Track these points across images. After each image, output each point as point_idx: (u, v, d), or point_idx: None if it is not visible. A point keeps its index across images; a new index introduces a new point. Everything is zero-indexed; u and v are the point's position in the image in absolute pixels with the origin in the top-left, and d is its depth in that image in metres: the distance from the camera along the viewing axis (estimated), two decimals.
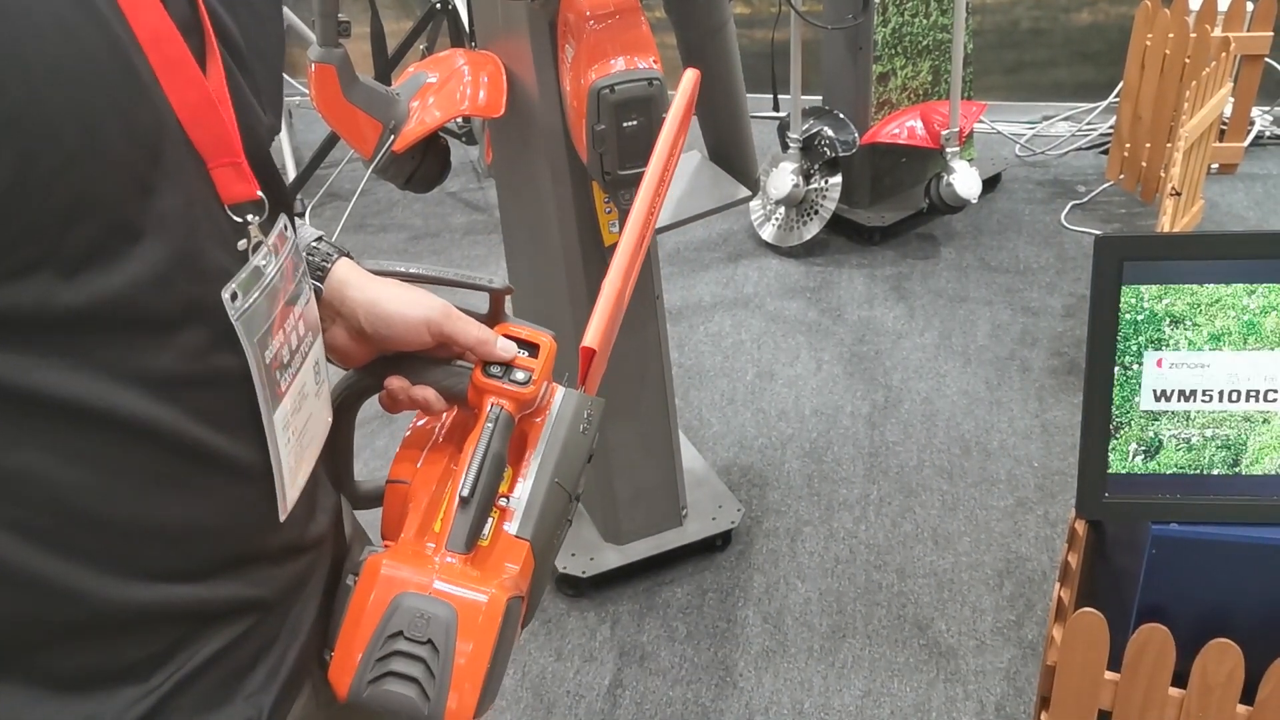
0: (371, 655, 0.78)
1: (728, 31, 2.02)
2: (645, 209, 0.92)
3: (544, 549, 0.85)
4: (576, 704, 1.96)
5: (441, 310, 0.86)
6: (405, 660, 0.77)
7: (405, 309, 0.86)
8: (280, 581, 0.79)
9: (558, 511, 0.86)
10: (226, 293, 0.67)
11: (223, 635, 0.75)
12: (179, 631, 0.71)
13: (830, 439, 2.57)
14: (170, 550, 0.69)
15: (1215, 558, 1.38)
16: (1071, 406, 2.59)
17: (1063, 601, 1.54)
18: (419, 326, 0.86)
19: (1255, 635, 1.36)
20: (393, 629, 0.78)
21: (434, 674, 0.77)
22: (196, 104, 0.65)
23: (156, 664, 0.70)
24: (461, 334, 0.86)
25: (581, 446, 0.88)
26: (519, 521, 0.84)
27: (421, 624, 0.77)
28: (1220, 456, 1.39)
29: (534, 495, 0.85)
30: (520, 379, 0.85)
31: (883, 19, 3.08)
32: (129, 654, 0.68)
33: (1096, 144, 3.71)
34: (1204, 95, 2.77)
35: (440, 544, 0.80)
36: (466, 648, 0.77)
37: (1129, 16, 3.25)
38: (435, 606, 0.78)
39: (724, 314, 3.06)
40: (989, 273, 3.14)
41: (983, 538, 2.27)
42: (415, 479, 0.86)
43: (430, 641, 0.77)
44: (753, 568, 2.24)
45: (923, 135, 3.06)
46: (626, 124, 1.63)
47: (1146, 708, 1.42)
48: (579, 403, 0.89)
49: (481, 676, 0.77)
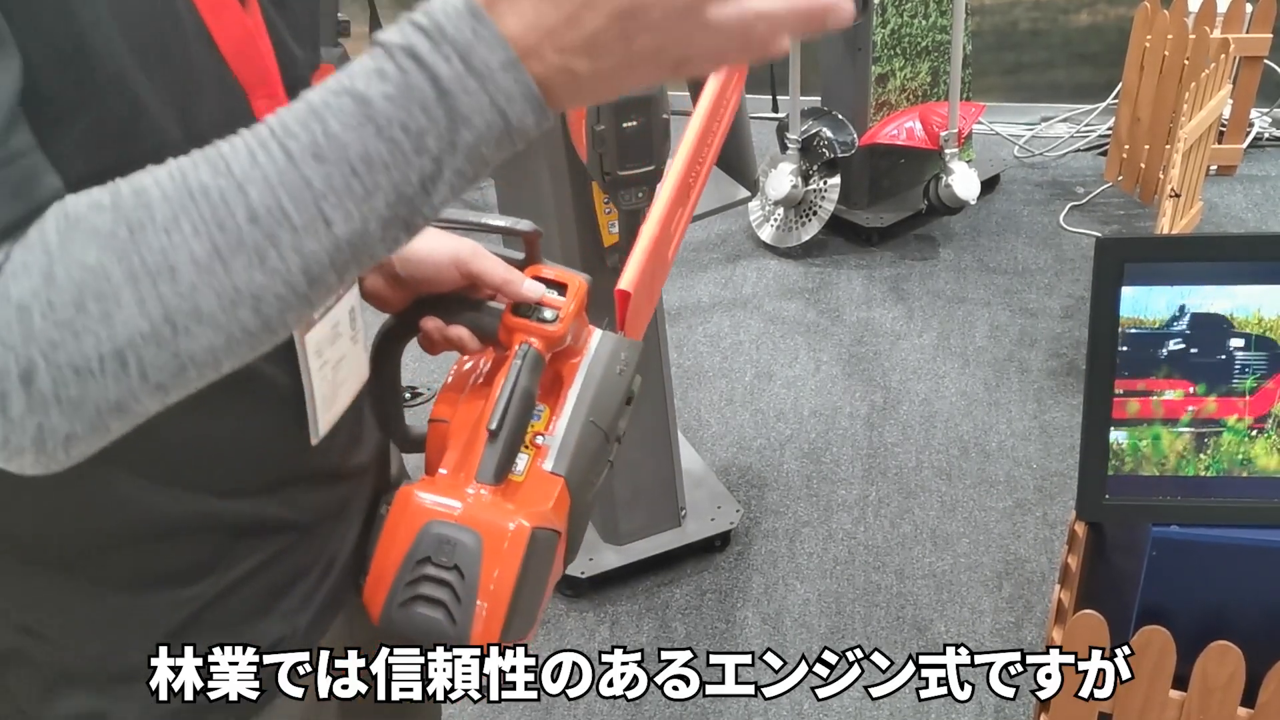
0: (401, 580, 0.81)
1: None
2: (692, 148, 0.91)
3: (580, 486, 0.87)
4: (575, 704, 1.96)
5: (469, 249, 0.89)
6: (432, 585, 0.80)
7: (434, 249, 0.89)
8: (317, 506, 0.83)
9: (593, 450, 0.88)
10: None
11: (259, 553, 0.79)
12: (218, 544, 0.76)
13: (829, 440, 2.57)
14: (212, 466, 0.73)
15: (1216, 560, 1.38)
16: (1070, 408, 2.59)
17: (1063, 603, 1.53)
18: (447, 265, 0.89)
19: (1256, 637, 1.35)
20: (421, 555, 0.81)
21: (460, 598, 0.79)
22: (238, 37, 0.66)
23: (198, 573, 0.75)
24: (488, 272, 0.88)
25: (617, 387, 0.90)
26: (553, 458, 0.86)
27: (448, 550, 0.80)
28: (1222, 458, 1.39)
29: (568, 433, 0.87)
30: (548, 317, 0.87)
31: (882, 20, 3.08)
32: (174, 561, 0.74)
33: (1095, 145, 3.72)
34: (1203, 97, 2.77)
35: (471, 476, 0.82)
36: (492, 573, 0.79)
37: (1128, 18, 3.25)
38: (461, 533, 0.80)
39: (723, 314, 3.06)
40: (987, 274, 3.14)
41: (981, 539, 2.27)
42: (454, 418, 0.88)
43: (456, 567, 0.80)
44: (751, 568, 2.24)
45: (921, 136, 3.06)
46: (626, 124, 1.63)
47: (1147, 710, 1.42)
48: (615, 345, 0.92)
49: (506, 601, 0.79)
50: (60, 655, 0.73)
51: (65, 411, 0.52)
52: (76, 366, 0.51)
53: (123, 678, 0.75)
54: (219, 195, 0.52)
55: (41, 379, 0.51)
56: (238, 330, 0.54)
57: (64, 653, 0.73)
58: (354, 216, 0.54)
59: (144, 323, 0.51)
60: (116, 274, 0.51)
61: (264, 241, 0.52)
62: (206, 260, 0.52)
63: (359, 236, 0.54)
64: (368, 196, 0.54)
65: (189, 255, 0.51)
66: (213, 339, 0.53)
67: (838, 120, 3.14)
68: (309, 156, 0.53)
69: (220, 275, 0.52)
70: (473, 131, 0.55)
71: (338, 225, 0.53)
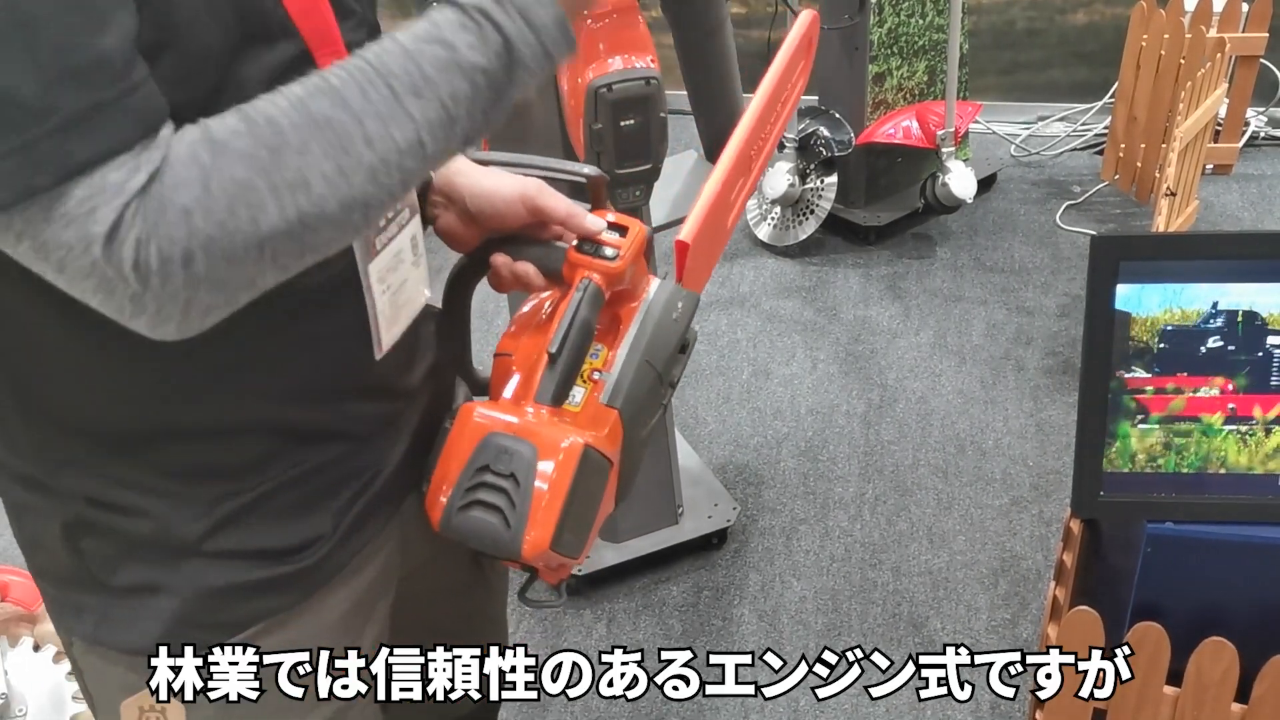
0: (461, 486, 0.86)
1: (725, 31, 2.02)
2: (756, 118, 0.95)
3: (632, 421, 0.91)
4: (572, 701, 1.96)
5: (535, 186, 0.95)
6: (490, 491, 0.85)
7: (501, 186, 0.95)
8: (369, 419, 0.90)
9: (646, 388, 0.92)
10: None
11: (311, 458, 0.85)
12: (274, 446, 0.83)
13: (825, 438, 2.58)
14: (278, 373, 0.81)
15: (1211, 556, 1.39)
16: (1066, 406, 2.59)
17: (1058, 600, 1.54)
18: (515, 200, 0.94)
19: (1250, 633, 1.36)
20: (480, 463, 0.85)
21: (515, 504, 0.84)
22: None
23: (251, 470, 0.83)
24: (554, 208, 0.94)
25: (672, 332, 0.95)
26: (609, 392, 0.91)
27: (506, 459, 0.85)
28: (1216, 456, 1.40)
29: (624, 370, 0.91)
30: (609, 255, 0.92)
31: (879, 19, 3.09)
32: (230, 456, 0.81)
33: (1091, 144, 3.72)
34: (1199, 96, 2.78)
35: (530, 398, 0.87)
36: (545, 483, 0.84)
37: (1124, 17, 3.25)
38: (519, 444, 0.85)
39: (720, 313, 3.06)
40: (984, 272, 3.15)
41: (977, 536, 2.28)
42: (518, 351, 0.93)
43: (513, 475, 0.84)
44: (748, 566, 2.24)
45: (918, 135, 3.06)
46: (624, 123, 1.63)
47: (1141, 706, 1.43)
48: (673, 292, 0.96)
49: (558, 511, 0.84)
50: (123, 527, 0.81)
51: (212, 288, 0.64)
52: (227, 255, 0.63)
53: (177, 554, 0.82)
54: (341, 126, 0.66)
55: (198, 264, 0.63)
56: (350, 227, 0.69)
57: (126, 525, 0.81)
58: (440, 139, 0.70)
59: (282, 224, 0.65)
60: (261, 186, 0.64)
61: (377, 162, 0.67)
62: (334, 176, 0.66)
63: (442, 155, 0.71)
64: (453, 124, 0.70)
65: (320, 172, 0.65)
66: (331, 234, 0.68)
67: (835, 119, 3.14)
68: (409, 94, 0.68)
69: (343, 188, 0.66)
70: (527, 72, 0.72)
71: (429, 146, 0.69)
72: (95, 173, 0.60)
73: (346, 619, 0.92)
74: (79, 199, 0.60)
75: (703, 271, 1.00)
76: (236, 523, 0.83)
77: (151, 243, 0.61)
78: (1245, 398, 1.39)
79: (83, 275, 0.62)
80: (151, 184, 0.62)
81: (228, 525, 0.83)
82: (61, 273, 0.62)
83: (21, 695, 1.63)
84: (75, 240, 0.61)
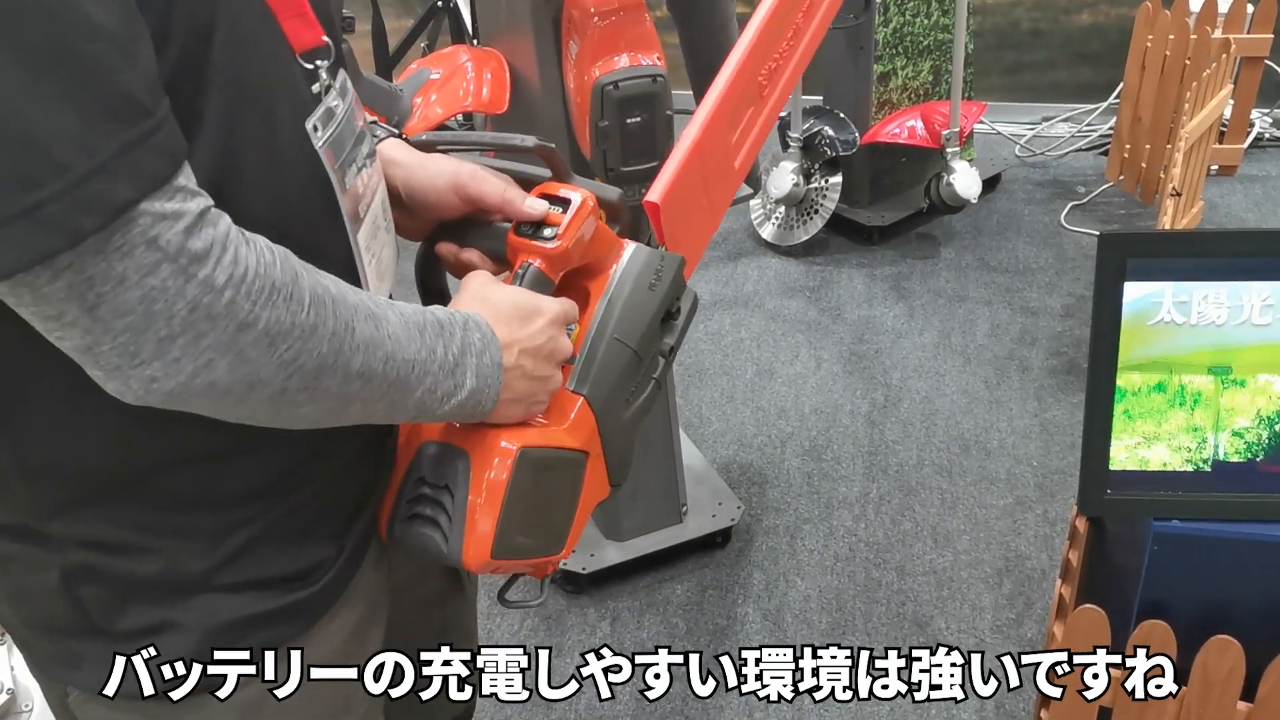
0: (402, 497, 0.84)
1: (730, 29, 2.02)
2: (759, 29, 0.88)
3: (606, 404, 0.86)
4: (576, 699, 1.96)
5: (468, 173, 0.90)
6: (427, 504, 0.82)
7: (434, 176, 0.91)
8: (365, 429, 0.87)
9: (619, 367, 0.86)
10: (310, 123, 0.76)
11: (317, 477, 0.83)
12: (284, 467, 0.81)
13: (830, 437, 2.57)
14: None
15: (1217, 554, 1.39)
16: (1070, 406, 2.59)
17: (1064, 598, 1.54)
18: (447, 191, 0.91)
19: (1256, 632, 1.36)
20: (416, 474, 0.83)
21: (451, 517, 0.80)
22: None
23: (261, 495, 0.81)
24: (487, 195, 0.89)
25: (647, 302, 0.88)
26: (575, 377, 0.85)
27: (438, 469, 0.82)
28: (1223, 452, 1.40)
29: (590, 350, 0.86)
30: (547, 235, 0.86)
31: (884, 19, 3.09)
32: (239, 484, 0.79)
33: (1096, 145, 3.72)
34: (1204, 97, 2.78)
35: None
36: (480, 493, 0.80)
37: (1129, 18, 3.25)
38: (452, 453, 0.81)
39: (724, 312, 3.06)
40: (988, 273, 3.15)
41: (982, 536, 2.27)
42: None
43: (447, 486, 0.81)
44: (752, 565, 2.24)
45: (923, 135, 3.06)
46: (630, 120, 1.63)
47: (1146, 705, 1.42)
48: (648, 259, 0.89)
49: (494, 520, 0.79)
50: (129, 568, 0.78)
51: (234, 364, 0.65)
52: (272, 342, 0.66)
53: (186, 590, 0.80)
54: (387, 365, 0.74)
55: (252, 333, 0.65)
56: (344, 399, 0.73)
57: (131, 567, 0.78)
58: (416, 379, 0.76)
59: (312, 363, 0.69)
60: (329, 321, 0.69)
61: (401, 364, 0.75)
62: (367, 348, 0.72)
63: (400, 390, 0.76)
64: (422, 375, 0.76)
65: (358, 339, 0.71)
66: (322, 406, 0.72)
67: (839, 119, 3.14)
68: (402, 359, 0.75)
69: (375, 365, 0.73)
70: (463, 388, 0.79)
71: (402, 384, 0.75)
72: (147, 207, 0.61)
73: (348, 643, 0.91)
74: (137, 232, 0.61)
75: (696, 223, 0.92)
76: (247, 553, 0.81)
77: (228, 290, 0.63)
78: None
79: (118, 311, 0.61)
80: (244, 244, 0.65)
81: (238, 556, 0.81)
82: (92, 310, 0.61)
83: (27, 691, 1.64)
84: (131, 271, 0.60)
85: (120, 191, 0.60)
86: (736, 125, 0.90)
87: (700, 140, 0.86)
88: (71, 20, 0.57)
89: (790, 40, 0.93)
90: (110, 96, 0.59)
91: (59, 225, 0.59)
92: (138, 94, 0.61)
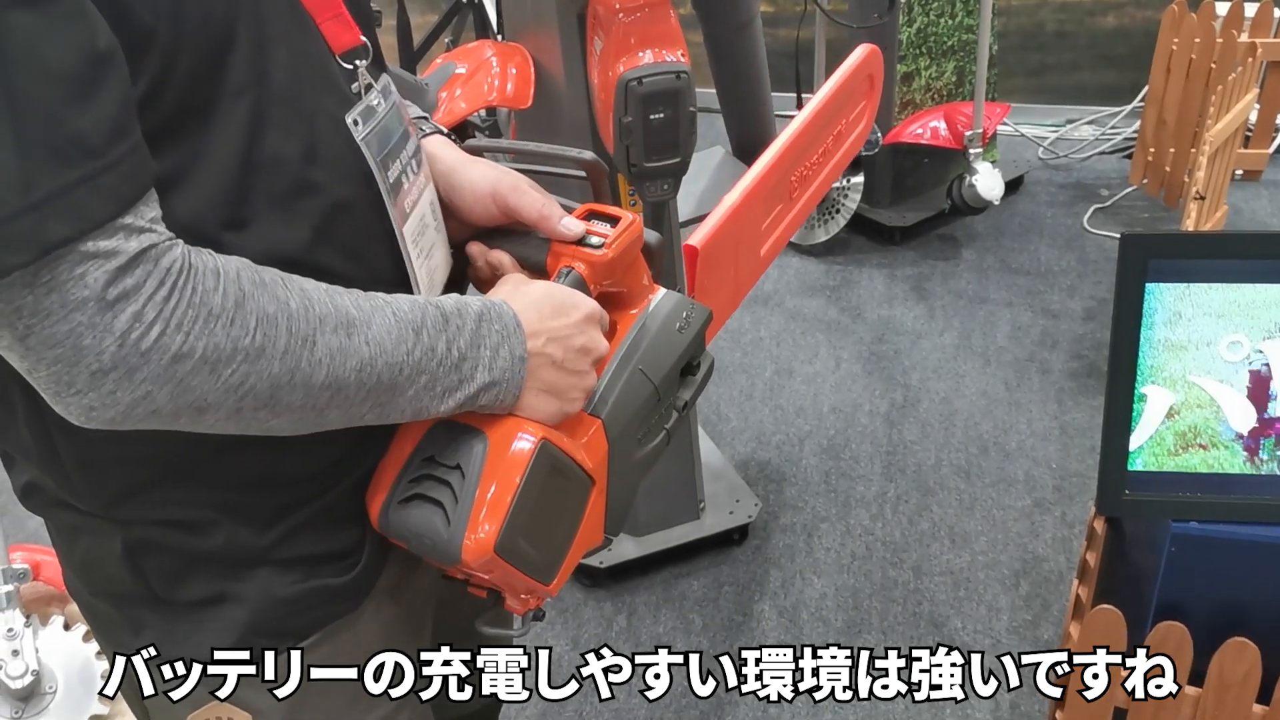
0: (404, 477, 0.80)
1: (754, 28, 2.03)
2: (799, 130, 0.88)
3: (620, 435, 0.85)
4: (591, 693, 1.97)
5: (510, 183, 0.89)
6: (432, 484, 0.79)
7: (475, 181, 0.90)
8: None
9: (639, 400, 0.86)
10: (350, 118, 0.78)
11: (367, 460, 0.84)
12: (344, 448, 0.81)
13: (848, 436, 2.58)
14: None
15: (1235, 556, 1.39)
16: (1090, 409, 2.59)
17: (1081, 598, 1.54)
18: (485, 197, 0.90)
19: (1273, 634, 1.36)
20: (425, 453, 0.80)
21: (458, 499, 0.77)
22: None
23: (320, 475, 0.82)
24: (524, 207, 0.88)
25: (674, 343, 0.88)
26: (594, 398, 0.84)
27: (453, 449, 0.79)
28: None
29: (613, 377, 0.86)
30: (595, 244, 0.86)
31: (908, 19, 3.08)
32: (302, 465, 0.81)
33: (1120, 148, 3.70)
34: (1229, 101, 2.77)
35: None
36: (493, 478, 0.77)
37: (1154, 20, 3.24)
38: (469, 434, 0.79)
39: (743, 311, 3.07)
40: (1010, 274, 3.14)
41: (999, 537, 2.27)
42: None
43: (459, 466, 0.78)
44: (769, 562, 2.25)
45: (946, 136, 3.06)
46: (653, 116, 1.64)
47: (1162, 705, 1.42)
48: (678, 303, 0.90)
49: (504, 509, 0.76)
50: (191, 543, 0.81)
51: (175, 393, 0.66)
52: (214, 368, 0.66)
53: (246, 563, 0.82)
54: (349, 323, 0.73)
55: (186, 365, 0.65)
56: (304, 409, 0.72)
57: (193, 542, 0.81)
58: (407, 380, 0.75)
59: (284, 373, 0.69)
60: (282, 331, 0.69)
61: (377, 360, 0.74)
62: (337, 355, 0.72)
63: (386, 393, 0.75)
64: (415, 375, 0.75)
65: (326, 346, 0.71)
66: (286, 417, 0.72)
67: None
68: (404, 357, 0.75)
69: (339, 370, 0.72)
70: (472, 381, 0.78)
71: (387, 388, 0.74)
72: (79, 246, 0.62)
73: (390, 627, 0.92)
74: (64, 269, 0.61)
75: (721, 290, 0.92)
76: (306, 528, 0.83)
77: (157, 325, 0.63)
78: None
79: (47, 343, 0.62)
80: (182, 275, 0.65)
81: (297, 531, 0.82)
82: (24, 339, 0.63)
83: (52, 673, 1.66)
84: (56, 306, 0.62)
85: (53, 230, 0.61)
86: (769, 212, 0.92)
87: (743, 203, 0.88)
88: (25, 65, 0.59)
89: (820, 157, 0.96)
90: (53, 139, 0.61)
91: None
92: (88, 136, 0.62)
